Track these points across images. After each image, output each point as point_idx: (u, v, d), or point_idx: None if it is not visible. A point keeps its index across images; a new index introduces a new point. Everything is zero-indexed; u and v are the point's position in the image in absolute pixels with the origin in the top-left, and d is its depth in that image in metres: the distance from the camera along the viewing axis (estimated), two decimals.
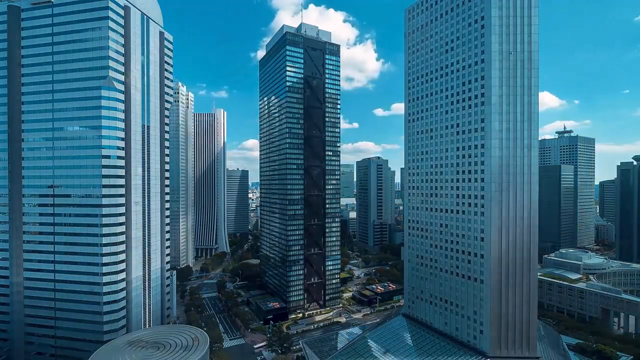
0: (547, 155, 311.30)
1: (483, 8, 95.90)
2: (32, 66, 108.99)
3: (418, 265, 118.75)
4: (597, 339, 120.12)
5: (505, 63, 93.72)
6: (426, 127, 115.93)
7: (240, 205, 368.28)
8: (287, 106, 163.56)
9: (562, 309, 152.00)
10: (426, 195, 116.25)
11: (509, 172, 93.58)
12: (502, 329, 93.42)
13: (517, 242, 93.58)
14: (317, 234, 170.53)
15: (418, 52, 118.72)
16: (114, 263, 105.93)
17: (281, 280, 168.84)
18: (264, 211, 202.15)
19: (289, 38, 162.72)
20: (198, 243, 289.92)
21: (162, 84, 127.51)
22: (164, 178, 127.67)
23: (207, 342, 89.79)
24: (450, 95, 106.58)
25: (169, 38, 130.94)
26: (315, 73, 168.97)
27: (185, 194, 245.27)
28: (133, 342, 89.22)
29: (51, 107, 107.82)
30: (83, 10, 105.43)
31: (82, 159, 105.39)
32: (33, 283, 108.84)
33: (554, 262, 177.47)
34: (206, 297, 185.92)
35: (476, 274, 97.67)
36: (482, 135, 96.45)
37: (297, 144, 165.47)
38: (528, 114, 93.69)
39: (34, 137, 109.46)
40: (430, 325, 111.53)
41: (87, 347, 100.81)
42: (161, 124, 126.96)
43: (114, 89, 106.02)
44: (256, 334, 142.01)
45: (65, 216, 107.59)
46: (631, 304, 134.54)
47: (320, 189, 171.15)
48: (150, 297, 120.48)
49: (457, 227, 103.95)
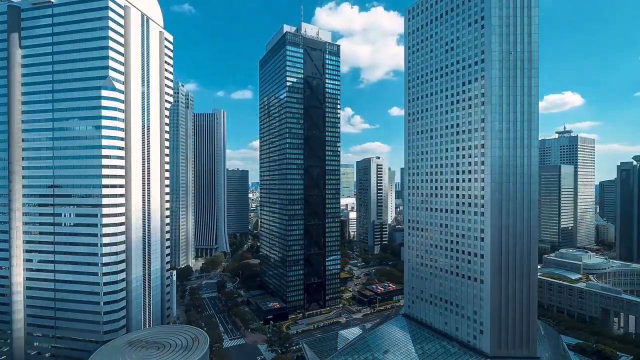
0: (547, 155, 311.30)
1: (483, 8, 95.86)
2: (32, 66, 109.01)
3: (418, 265, 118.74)
4: (597, 339, 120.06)
5: (505, 63, 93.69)
6: (426, 127, 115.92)
7: (240, 205, 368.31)
8: (287, 106, 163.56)
9: (562, 309, 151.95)
10: (426, 195, 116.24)
11: (509, 172, 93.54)
12: (502, 329, 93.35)
13: (517, 242, 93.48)
14: (317, 234, 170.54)
15: (418, 52, 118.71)
16: (114, 263, 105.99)
17: (281, 280, 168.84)
18: (264, 211, 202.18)
19: (289, 38, 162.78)
20: (198, 243, 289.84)
21: (162, 84, 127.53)
22: (164, 178, 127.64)
23: (207, 342, 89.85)
24: (450, 95, 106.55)
25: (169, 38, 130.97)
26: (315, 73, 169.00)
27: (185, 194, 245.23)
28: (133, 342, 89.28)
29: (51, 107, 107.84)
30: (83, 10, 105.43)
31: (82, 159, 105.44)
32: (33, 283, 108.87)
33: (554, 262, 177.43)
34: (206, 297, 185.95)
35: (476, 274, 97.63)
36: (482, 135, 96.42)
37: (297, 144, 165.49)
38: (528, 114, 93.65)
39: (34, 137, 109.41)
40: (430, 325, 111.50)
41: (87, 347, 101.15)
42: (161, 124, 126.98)
43: (114, 89, 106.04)
44: (256, 334, 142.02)
45: (65, 216, 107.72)
46: (631, 304, 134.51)
47: (320, 189, 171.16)
48: (150, 297, 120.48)
49: (457, 227, 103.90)
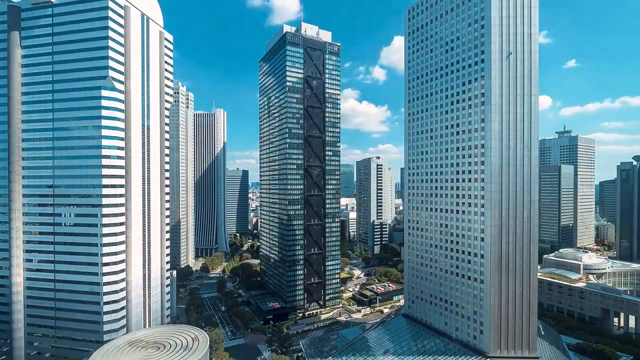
0: (547, 155, 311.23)
1: (483, 8, 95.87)
2: (32, 66, 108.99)
3: (418, 265, 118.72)
4: (597, 339, 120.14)
5: (505, 63, 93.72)
6: (426, 127, 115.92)
7: (240, 205, 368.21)
8: (287, 106, 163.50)
9: (562, 309, 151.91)
10: (426, 195, 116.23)
11: (509, 172, 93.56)
12: (502, 329, 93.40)
13: (517, 242, 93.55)
14: (317, 234, 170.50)
15: (418, 52, 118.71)
16: (114, 263, 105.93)
17: (281, 280, 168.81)
18: (263, 211, 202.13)
19: (289, 38, 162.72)
20: (198, 243, 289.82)
21: (162, 84, 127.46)
22: (164, 178, 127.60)
23: (207, 342, 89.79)
24: (450, 95, 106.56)
25: (169, 38, 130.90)
26: (315, 73, 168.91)
27: (185, 194, 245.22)
28: (133, 342, 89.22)
29: (51, 107, 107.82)
30: (83, 10, 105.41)
31: (82, 159, 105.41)
32: (33, 283, 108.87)
33: (554, 262, 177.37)
34: (206, 297, 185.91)
35: (476, 274, 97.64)
36: (482, 135, 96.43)
37: (297, 144, 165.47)
38: (528, 114, 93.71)
39: (34, 137, 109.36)
40: (430, 325, 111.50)
41: (87, 347, 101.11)
42: (161, 124, 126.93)
43: (114, 89, 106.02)
44: (256, 334, 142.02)
45: (65, 216, 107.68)
46: (631, 304, 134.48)
47: (320, 189, 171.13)
48: (150, 297, 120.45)
49: (457, 227, 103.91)
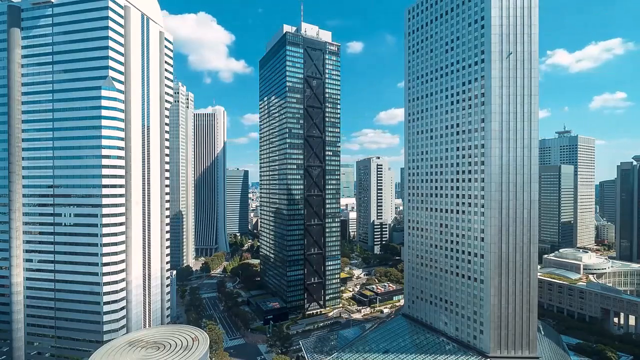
0: (547, 155, 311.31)
1: (483, 8, 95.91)
2: (32, 66, 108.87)
3: (418, 265, 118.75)
4: (597, 339, 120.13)
5: (505, 63, 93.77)
6: (426, 127, 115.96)
7: (240, 205, 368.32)
8: (287, 106, 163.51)
9: (562, 309, 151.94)
10: (426, 195, 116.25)
11: (509, 172, 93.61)
12: (502, 329, 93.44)
13: (517, 242, 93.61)
14: (317, 234, 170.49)
15: (418, 52, 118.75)
16: (114, 263, 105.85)
17: (281, 280, 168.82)
18: (263, 211, 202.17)
19: (289, 38, 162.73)
20: (198, 243, 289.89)
21: (162, 84, 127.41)
22: (164, 178, 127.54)
23: (207, 342, 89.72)
24: (450, 96, 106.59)
25: (169, 38, 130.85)
26: (315, 73, 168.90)
27: (185, 194, 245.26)
28: (133, 342, 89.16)
29: (51, 107, 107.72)
30: (83, 10, 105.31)
31: (82, 159, 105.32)
32: (33, 283, 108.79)
33: (554, 262, 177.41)
34: (206, 297, 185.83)
35: (476, 274, 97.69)
36: (482, 135, 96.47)
37: (297, 144, 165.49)
38: (528, 114, 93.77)
39: (34, 137, 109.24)
40: (430, 326, 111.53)
41: (87, 347, 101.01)
42: (161, 124, 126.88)
43: (114, 89, 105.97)
44: (256, 334, 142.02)
45: (65, 216, 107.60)
46: (631, 304, 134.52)
47: (320, 189, 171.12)
48: (150, 297, 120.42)
49: (457, 227, 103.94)
